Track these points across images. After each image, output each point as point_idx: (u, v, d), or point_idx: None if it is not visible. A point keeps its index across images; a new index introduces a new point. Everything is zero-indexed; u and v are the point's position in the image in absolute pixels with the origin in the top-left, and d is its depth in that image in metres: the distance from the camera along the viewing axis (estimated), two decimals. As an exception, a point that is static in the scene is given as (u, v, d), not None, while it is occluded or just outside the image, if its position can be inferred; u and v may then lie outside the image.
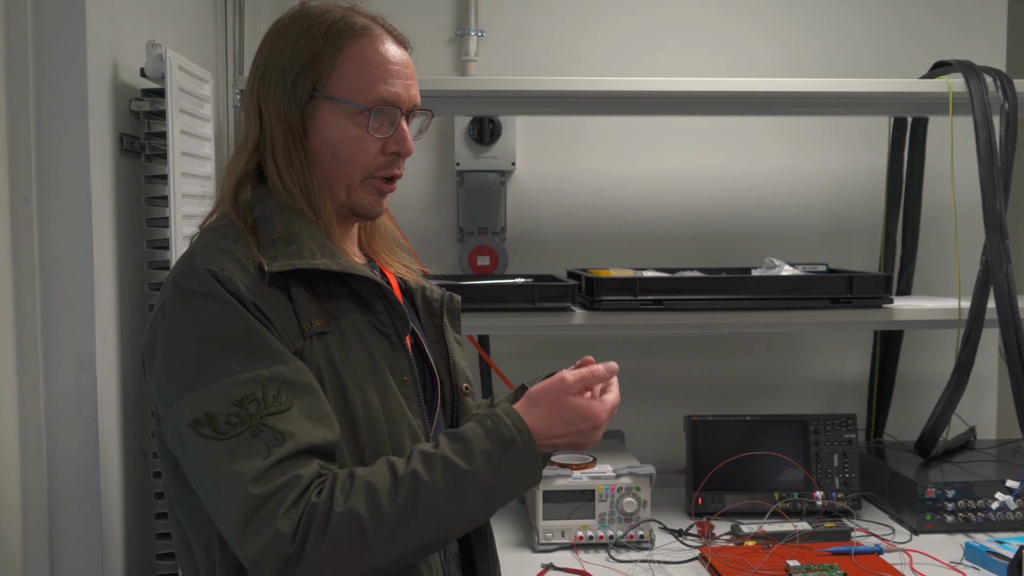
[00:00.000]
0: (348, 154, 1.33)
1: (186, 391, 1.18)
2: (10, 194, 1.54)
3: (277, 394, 1.18)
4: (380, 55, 1.34)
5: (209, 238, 1.30)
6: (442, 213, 2.75)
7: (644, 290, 2.26)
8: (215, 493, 1.17)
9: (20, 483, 1.55)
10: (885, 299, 2.30)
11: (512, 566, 2.06)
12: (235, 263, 1.24)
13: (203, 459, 1.17)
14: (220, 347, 1.19)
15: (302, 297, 1.27)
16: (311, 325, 1.26)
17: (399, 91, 1.34)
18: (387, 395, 1.30)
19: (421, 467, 1.19)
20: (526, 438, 1.24)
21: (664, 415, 2.67)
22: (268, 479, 1.14)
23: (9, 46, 1.52)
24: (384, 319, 1.34)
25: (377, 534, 1.16)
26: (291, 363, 1.21)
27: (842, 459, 2.38)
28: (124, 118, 1.74)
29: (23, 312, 1.55)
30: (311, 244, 1.29)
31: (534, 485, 1.27)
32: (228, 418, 1.16)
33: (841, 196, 2.82)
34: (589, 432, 1.30)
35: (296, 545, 1.13)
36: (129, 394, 1.74)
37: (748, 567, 1.97)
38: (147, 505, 1.81)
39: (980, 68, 2.29)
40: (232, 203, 1.33)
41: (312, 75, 1.31)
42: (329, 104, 1.32)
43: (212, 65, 2.38)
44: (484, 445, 1.22)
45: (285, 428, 1.17)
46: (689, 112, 2.58)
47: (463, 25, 2.70)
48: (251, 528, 1.13)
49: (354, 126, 1.32)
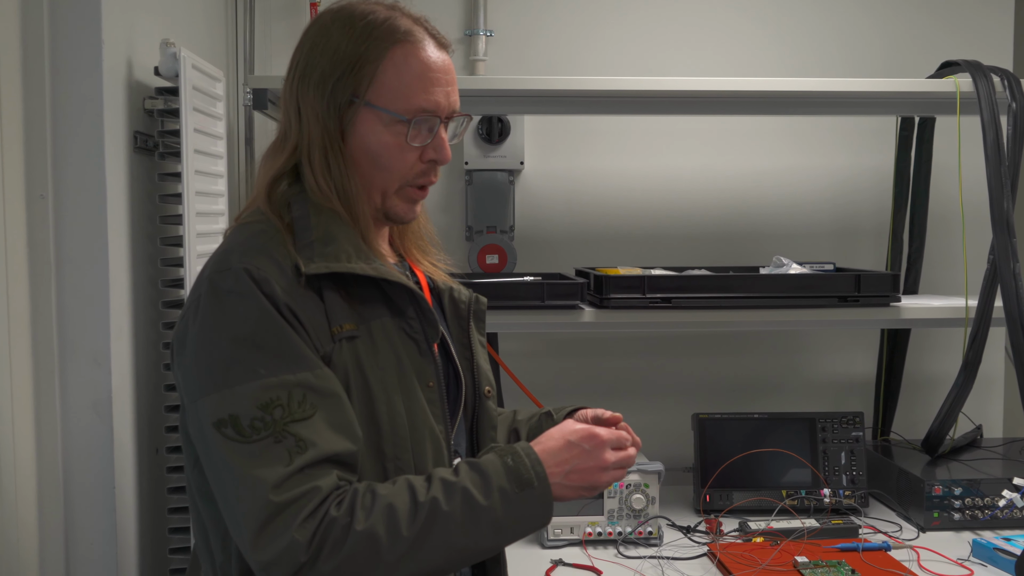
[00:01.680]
0: (387, 161, 1.33)
1: (213, 390, 1.19)
2: (26, 191, 1.55)
3: (302, 400, 1.19)
4: (422, 63, 1.32)
5: (246, 235, 1.30)
6: (451, 212, 2.76)
7: (653, 288, 2.27)
8: (233, 495, 1.18)
9: (36, 476, 1.57)
10: (893, 298, 2.31)
11: (522, 562, 2.08)
12: (272, 263, 1.24)
13: (224, 459, 1.18)
14: (250, 349, 1.19)
15: (334, 300, 1.28)
16: (341, 329, 1.27)
17: (439, 99, 1.33)
18: (412, 400, 1.31)
19: (441, 495, 1.21)
20: (542, 482, 1.25)
21: (673, 413, 2.68)
22: (288, 487, 1.15)
23: (25, 45, 1.54)
24: (415, 324, 1.34)
25: (391, 555, 1.17)
26: (318, 369, 1.21)
27: (849, 457, 2.39)
28: (138, 116, 1.76)
29: (39, 308, 1.57)
30: (347, 247, 1.29)
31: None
32: (252, 422, 1.17)
33: (848, 195, 2.83)
34: (594, 452, 1.30)
35: (310, 555, 1.14)
36: (143, 390, 1.76)
37: (756, 563, 1.99)
38: (160, 500, 1.83)
39: (988, 68, 2.30)
40: (267, 200, 1.33)
41: (353, 81, 1.30)
42: (368, 111, 1.31)
43: (223, 64, 2.40)
44: (502, 482, 1.23)
45: (308, 436, 1.18)
46: (697, 112, 2.59)
47: (472, 25, 2.71)
48: (266, 534, 1.14)
49: (392, 135, 1.31)
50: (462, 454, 1.45)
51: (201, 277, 1.27)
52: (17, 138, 1.53)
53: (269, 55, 2.65)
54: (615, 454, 1.32)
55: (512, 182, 2.74)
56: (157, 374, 1.82)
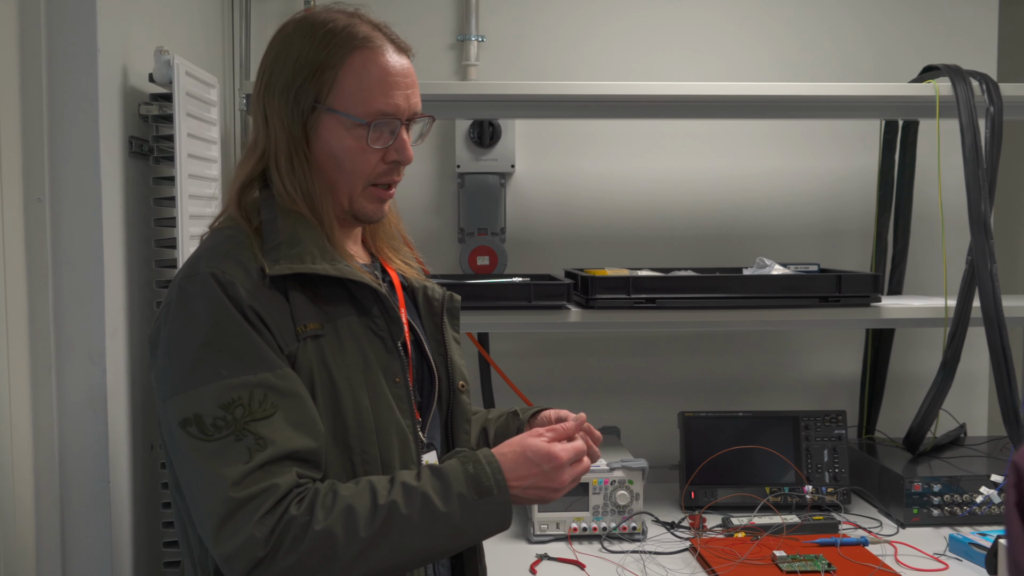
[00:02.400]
0: (350, 164, 1.38)
1: (179, 391, 1.25)
2: (24, 195, 1.60)
3: (263, 400, 1.25)
4: (381, 68, 1.37)
5: (215, 240, 1.37)
6: (443, 214, 2.82)
7: (637, 289, 2.32)
8: (197, 490, 1.24)
9: (33, 469, 1.62)
10: (873, 298, 2.36)
11: (508, 557, 2.13)
12: (238, 266, 1.30)
13: (189, 457, 1.24)
14: (213, 351, 1.25)
15: (300, 300, 1.33)
16: (305, 328, 1.32)
17: (399, 102, 1.38)
18: (378, 396, 1.36)
19: (401, 499, 1.26)
20: (502, 490, 1.30)
21: (660, 412, 2.73)
22: (247, 484, 1.21)
23: (23, 53, 1.59)
24: (380, 322, 1.39)
25: (347, 554, 1.22)
26: (279, 370, 1.27)
27: (832, 454, 2.44)
28: (133, 121, 1.81)
29: (36, 307, 1.62)
30: (313, 249, 1.34)
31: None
32: (215, 420, 1.23)
33: (835, 197, 2.88)
34: (552, 473, 1.35)
35: (268, 550, 1.20)
36: (138, 387, 1.81)
37: (736, 557, 2.03)
38: (155, 495, 1.88)
39: (967, 72, 2.35)
40: (237, 206, 1.39)
41: (315, 87, 1.35)
42: (330, 116, 1.36)
43: (219, 70, 2.45)
44: (462, 489, 1.29)
45: (267, 434, 1.23)
46: (685, 116, 2.63)
47: (464, 31, 2.76)
48: (226, 529, 1.20)
49: (353, 138, 1.37)
50: (437, 447, 1.50)
51: (173, 282, 1.33)
52: (15, 143, 1.58)
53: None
54: (572, 471, 1.37)
55: (503, 185, 2.79)
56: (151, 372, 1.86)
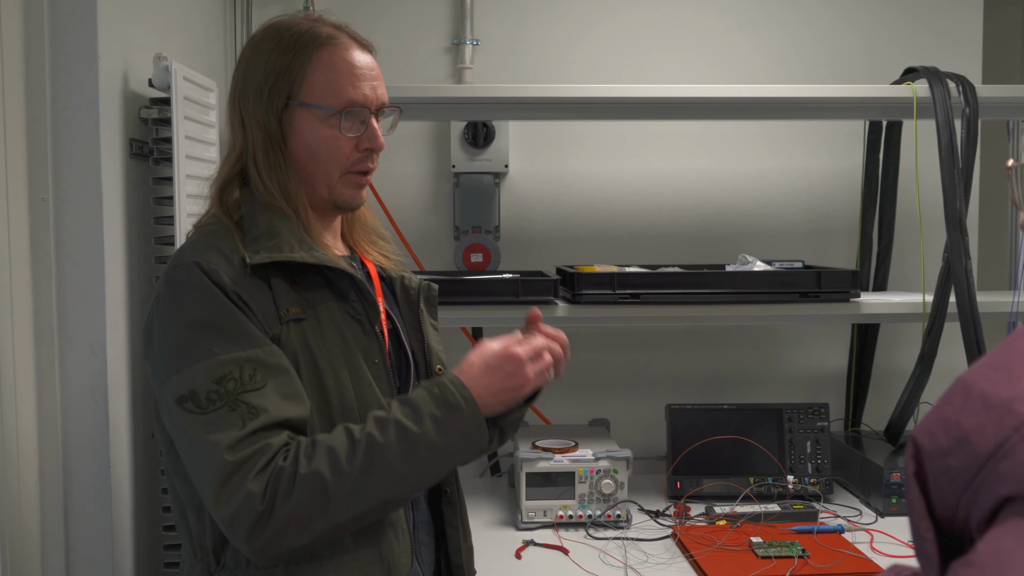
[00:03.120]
0: (325, 153, 1.47)
1: (174, 371, 1.34)
2: (29, 194, 1.69)
3: (253, 374, 1.33)
4: (346, 62, 1.47)
5: (199, 235, 1.46)
6: (439, 213, 2.90)
7: (623, 284, 2.39)
8: (196, 461, 1.32)
9: (38, 457, 1.71)
10: (852, 294, 2.42)
11: (496, 542, 2.21)
12: (220, 256, 1.39)
13: (187, 431, 1.32)
14: (203, 332, 1.33)
15: (281, 287, 1.42)
16: (288, 312, 1.41)
17: (367, 92, 1.47)
18: (358, 376, 1.44)
19: (375, 430, 1.33)
20: (470, 404, 1.37)
21: (649, 406, 2.81)
22: (241, 447, 1.29)
23: (28, 60, 1.68)
24: (357, 307, 1.47)
25: (338, 491, 1.30)
26: (266, 347, 1.35)
27: (815, 446, 2.51)
28: (134, 124, 1.90)
29: (40, 302, 1.71)
30: (290, 239, 1.43)
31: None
32: (208, 394, 1.31)
33: (822, 196, 2.95)
34: (515, 372, 1.41)
35: (266, 504, 1.27)
36: (138, 379, 1.89)
37: (714, 543, 2.11)
38: (154, 481, 1.97)
39: (944, 74, 2.41)
40: (219, 204, 1.48)
41: (286, 85, 1.45)
42: (303, 110, 1.45)
43: (221, 75, 2.54)
44: (431, 409, 1.36)
45: (259, 404, 1.31)
46: (674, 116, 2.71)
47: (459, 35, 2.84)
48: (226, 491, 1.28)
49: (327, 128, 1.46)
50: None
51: (162, 276, 1.42)
52: (20, 145, 1.67)
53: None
54: (535, 366, 1.43)
55: (497, 184, 2.87)
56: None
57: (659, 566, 2.06)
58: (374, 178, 1.58)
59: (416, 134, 2.88)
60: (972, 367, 0.80)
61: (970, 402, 0.77)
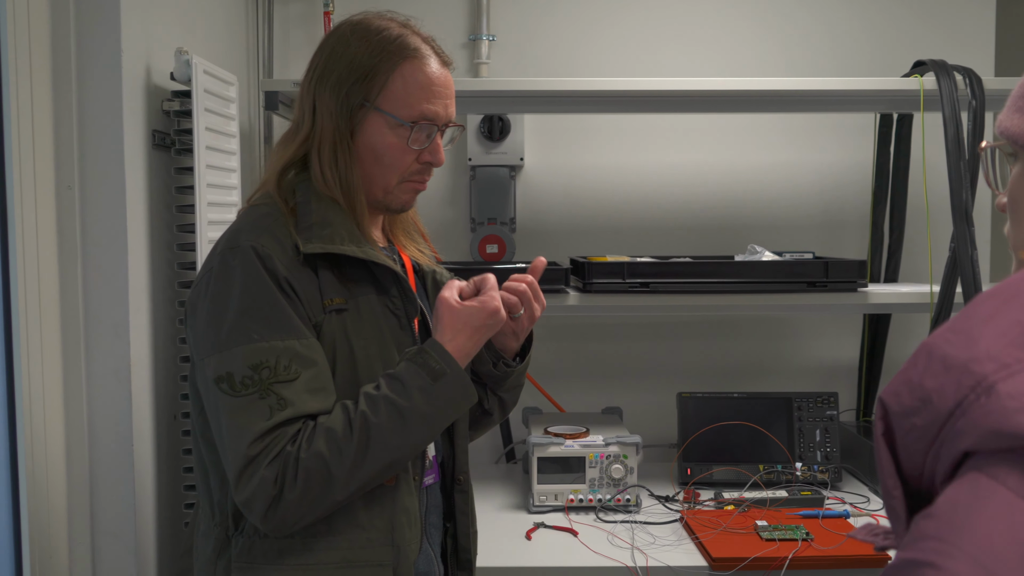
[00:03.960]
0: (388, 160, 1.52)
1: (215, 351, 1.40)
2: (56, 183, 1.77)
3: (288, 364, 1.39)
4: (427, 76, 1.51)
5: (255, 216, 1.50)
6: (456, 205, 2.96)
7: (633, 274, 2.43)
8: (223, 441, 1.40)
9: (64, 434, 1.78)
10: (859, 283, 2.45)
11: (508, 525, 2.26)
12: (275, 241, 1.45)
13: (220, 410, 1.40)
14: (248, 317, 1.40)
15: (327, 277, 1.48)
16: (332, 302, 1.47)
17: (439, 110, 1.53)
18: (390, 367, 1.50)
19: (368, 409, 1.40)
20: (453, 367, 1.44)
21: (661, 395, 2.85)
22: (263, 440, 1.36)
23: (54, 54, 1.75)
24: (397, 302, 1.54)
25: (339, 470, 1.37)
26: (304, 339, 1.41)
27: (824, 434, 2.54)
28: (156, 116, 1.97)
29: (67, 285, 1.78)
30: (342, 231, 1.49)
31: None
32: (243, 379, 1.38)
33: (834, 189, 2.98)
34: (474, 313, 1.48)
35: (277, 488, 1.35)
36: (160, 360, 1.97)
37: (720, 526, 2.15)
38: (176, 460, 2.04)
39: (952, 67, 2.43)
40: (276, 185, 1.53)
41: (365, 87, 1.49)
42: (377, 115, 1.50)
43: (243, 69, 2.61)
44: (418, 381, 1.42)
45: (288, 396, 1.38)
46: (688, 109, 2.76)
47: (475, 30, 2.90)
48: (245, 476, 1.37)
49: (395, 136, 1.51)
50: None
51: (214, 251, 1.47)
52: (47, 135, 1.75)
53: (287, 60, 2.85)
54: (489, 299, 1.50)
55: (513, 177, 2.93)
56: (173, 346, 2.03)
57: (665, 547, 2.10)
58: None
59: (434, 128, 2.94)
60: (935, 331, 0.84)
61: (932, 364, 0.81)
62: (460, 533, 1.67)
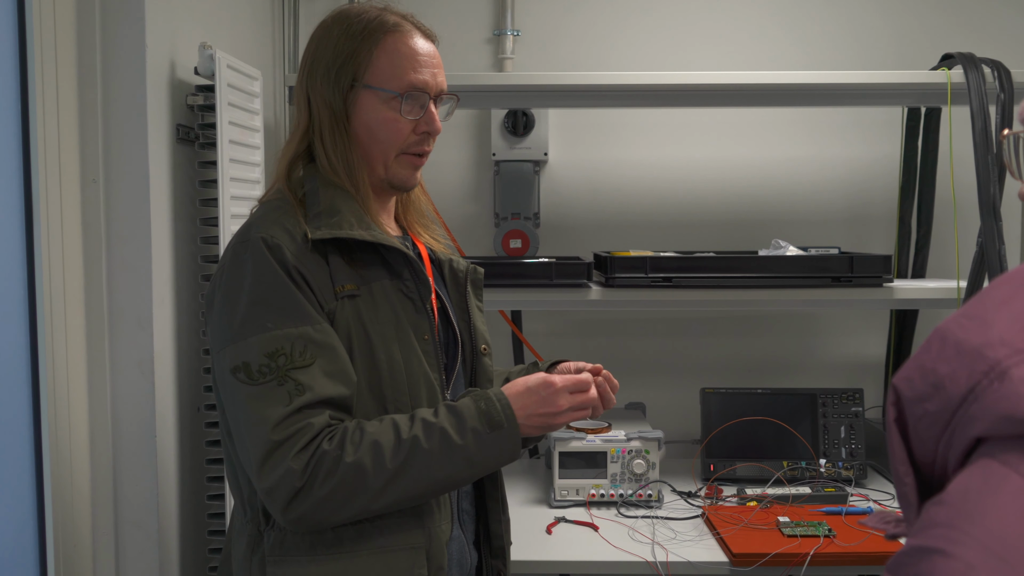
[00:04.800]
0: (384, 134, 1.55)
1: (230, 341, 1.42)
2: (81, 176, 1.79)
3: (303, 351, 1.40)
4: (410, 48, 1.55)
5: (265, 210, 1.53)
6: (480, 200, 2.96)
7: (655, 268, 2.43)
8: (244, 430, 1.41)
9: (88, 424, 1.80)
10: (885, 279, 2.43)
11: (529, 519, 2.27)
12: (284, 231, 1.47)
13: (238, 400, 1.41)
14: (261, 307, 1.42)
15: (338, 263, 1.49)
16: (343, 288, 1.48)
17: (427, 78, 1.55)
18: (408, 350, 1.51)
19: (421, 434, 1.42)
20: (511, 423, 1.46)
21: (685, 391, 2.84)
22: (286, 426, 1.37)
23: (80, 49, 1.77)
24: (410, 285, 1.55)
25: (375, 483, 1.39)
26: (317, 324, 1.43)
27: (849, 431, 2.52)
28: (181, 111, 1.99)
29: (91, 277, 1.80)
30: (350, 217, 1.50)
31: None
32: (260, 367, 1.40)
33: (861, 183, 2.95)
34: (549, 398, 1.49)
35: (304, 481, 1.36)
36: (183, 352, 1.98)
37: (742, 522, 2.14)
38: (199, 452, 2.05)
39: (980, 60, 2.41)
40: (285, 179, 1.57)
41: (352, 67, 1.53)
42: (367, 92, 1.54)
43: (269, 64, 2.63)
44: (475, 424, 1.44)
45: (306, 381, 1.39)
46: (712, 104, 2.74)
47: (500, 25, 2.90)
48: (268, 465, 1.37)
49: (389, 110, 1.54)
50: None
51: (228, 247, 1.50)
52: (73, 130, 1.76)
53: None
54: (571, 398, 1.51)
55: (537, 172, 2.93)
56: (197, 339, 2.04)
57: (686, 543, 2.10)
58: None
59: (457, 123, 2.95)
60: (949, 317, 0.83)
61: (945, 349, 0.80)
62: (492, 520, 1.68)
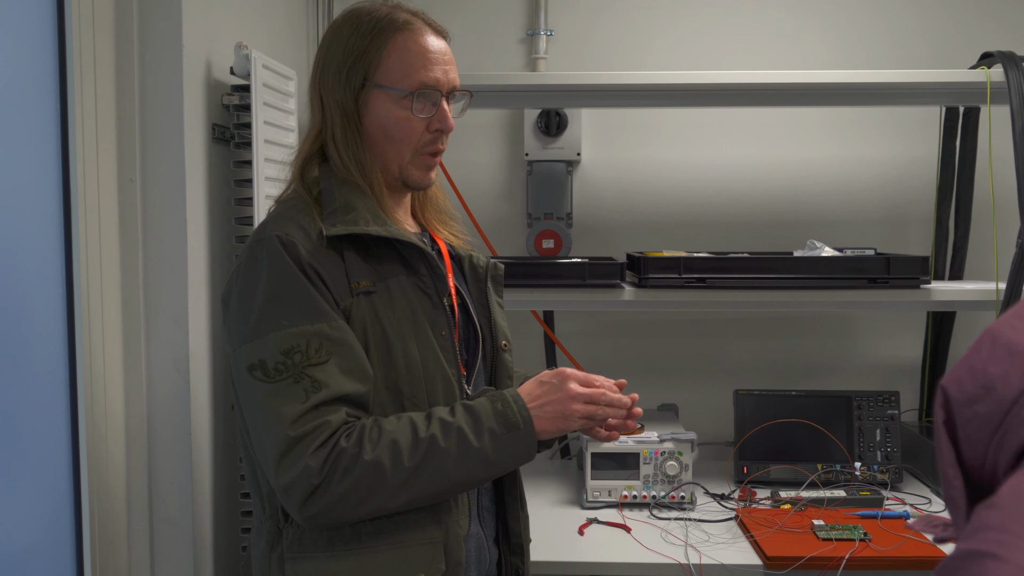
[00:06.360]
0: (397, 133, 1.55)
1: (246, 340, 1.43)
2: (118, 175, 1.80)
3: (319, 348, 1.41)
4: (420, 46, 1.54)
5: (280, 209, 1.55)
6: (512, 200, 2.96)
7: (689, 269, 2.41)
8: (261, 428, 1.42)
9: (124, 421, 1.82)
10: (922, 280, 2.40)
11: (560, 520, 2.26)
12: (299, 229, 1.48)
13: (255, 398, 1.42)
14: (276, 305, 1.42)
15: (354, 260, 1.50)
16: (359, 285, 1.49)
17: (438, 76, 1.55)
18: (425, 346, 1.52)
19: (439, 433, 1.42)
20: (527, 424, 1.46)
21: (719, 392, 2.82)
22: (303, 423, 1.38)
23: (118, 50, 1.79)
24: (427, 280, 1.55)
25: (393, 481, 1.39)
26: (332, 321, 1.43)
27: (884, 434, 2.50)
28: (216, 110, 2.00)
29: (128, 275, 1.82)
30: (365, 213, 1.51)
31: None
32: (276, 365, 1.40)
33: (897, 184, 2.92)
34: (561, 385, 1.51)
35: (322, 478, 1.37)
36: (218, 350, 1.99)
37: (776, 524, 2.12)
38: (233, 450, 2.06)
39: (1021, 58, 2.37)
40: (300, 179, 1.58)
41: (363, 67, 1.53)
42: (378, 91, 1.54)
43: (304, 64, 2.64)
44: (492, 424, 1.45)
45: (322, 378, 1.40)
46: (746, 104, 2.72)
47: (533, 25, 2.90)
48: (285, 462, 1.38)
49: (400, 109, 1.54)
50: None
51: (245, 246, 1.51)
52: (110, 129, 1.78)
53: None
54: (584, 390, 1.52)
55: (570, 172, 2.92)
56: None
57: (719, 545, 2.08)
58: (450, 165, 1.65)
59: (490, 123, 2.95)
60: (1000, 317, 0.81)
61: (996, 350, 0.79)
62: (510, 517, 1.68)
